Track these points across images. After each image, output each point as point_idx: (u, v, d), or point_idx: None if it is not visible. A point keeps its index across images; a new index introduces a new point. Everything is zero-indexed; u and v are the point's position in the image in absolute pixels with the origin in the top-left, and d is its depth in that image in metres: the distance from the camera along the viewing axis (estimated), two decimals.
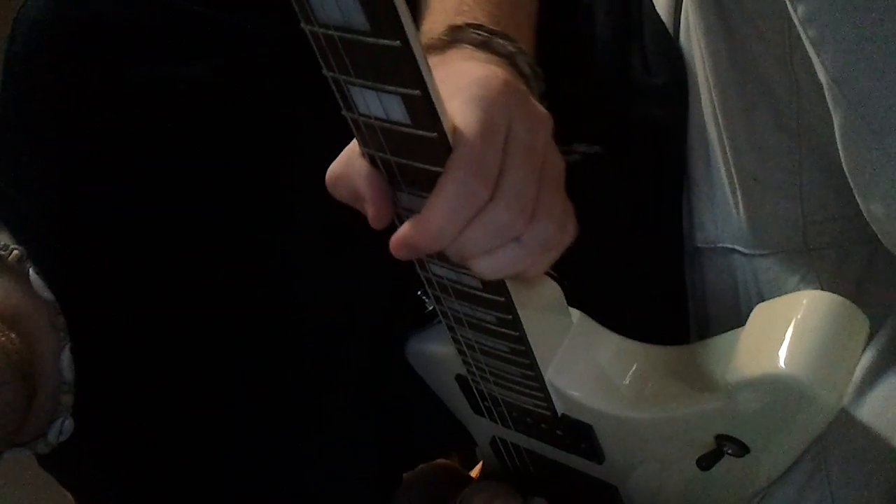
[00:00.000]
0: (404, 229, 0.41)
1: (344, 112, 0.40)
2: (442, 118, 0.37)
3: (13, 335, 0.55)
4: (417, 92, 0.36)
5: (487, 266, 0.43)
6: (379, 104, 0.38)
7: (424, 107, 0.37)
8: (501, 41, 0.49)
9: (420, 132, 0.38)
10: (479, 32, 0.49)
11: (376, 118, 0.39)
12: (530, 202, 0.42)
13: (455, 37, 0.49)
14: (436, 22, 0.52)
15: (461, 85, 0.41)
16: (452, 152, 0.39)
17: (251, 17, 0.60)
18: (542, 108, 0.44)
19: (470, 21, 0.50)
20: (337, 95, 0.39)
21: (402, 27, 0.34)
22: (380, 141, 0.40)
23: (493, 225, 0.41)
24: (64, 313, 0.59)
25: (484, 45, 0.49)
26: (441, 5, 0.54)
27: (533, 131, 0.42)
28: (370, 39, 0.35)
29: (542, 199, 0.43)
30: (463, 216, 0.40)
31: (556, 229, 0.44)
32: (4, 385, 0.53)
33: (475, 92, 0.40)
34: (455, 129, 0.39)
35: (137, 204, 0.59)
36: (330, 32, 0.36)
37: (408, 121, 0.38)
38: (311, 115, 0.58)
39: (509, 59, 0.49)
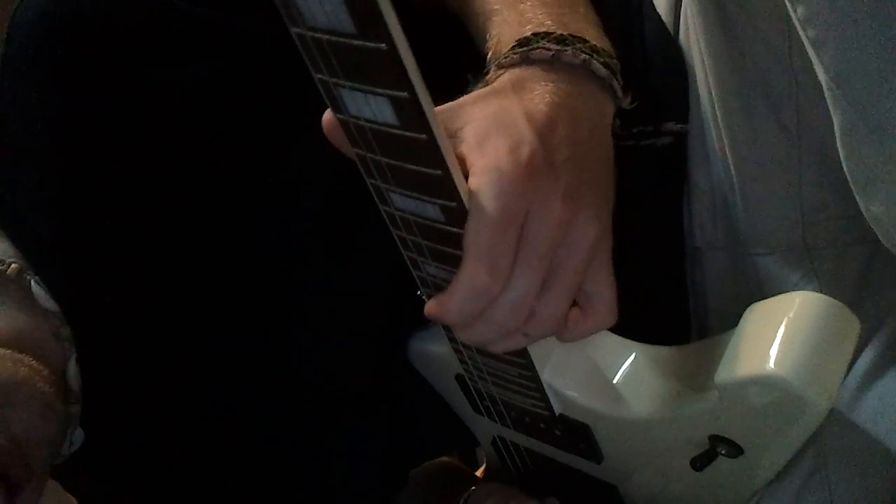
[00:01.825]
0: (431, 304, 0.46)
1: (334, 114, 0.41)
2: (430, 120, 0.37)
3: (36, 363, 0.55)
4: (405, 94, 0.36)
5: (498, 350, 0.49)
6: (368, 106, 0.38)
7: (412, 109, 0.37)
8: (572, 51, 0.49)
9: (409, 133, 0.38)
10: (548, 45, 0.49)
11: (366, 120, 0.39)
12: (523, 305, 0.44)
13: (525, 55, 0.49)
14: (503, 35, 0.52)
15: (489, 164, 0.42)
16: (467, 240, 0.42)
17: (251, 17, 0.60)
18: (564, 194, 0.44)
19: (537, 29, 0.50)
20: (326, 98, 0.40)
21: (388, 30, 0.34)
22: (370, 142, 0.40)
23: (487, 322, 0.45)
24: (69, 322, 0.59)
25: (555, 61, 0.49)
26: (501, 16, 0.54)
27: (545, 229, 0.43)
28: (357, 42, 0.35)
29: (541, 307, 0.45)
30: (477, 306, 0.44)
31: (553, 331, 0.47)
32: (57, 418, 0.54)
33: (496, 180, 0.42)
34: (473, 207, 0.41)
35: (139, 206, 0.59)
36: (317, 35, 0.36)
37: (396, 122, 0.38)
38: (311, 116, 0.58)
39: (584, 67, 0.49)
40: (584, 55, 0.49)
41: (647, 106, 0.62)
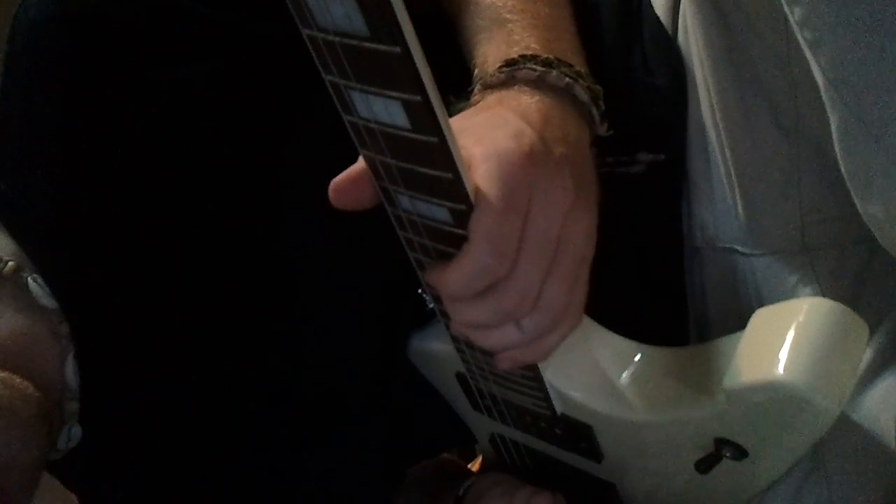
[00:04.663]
0: (432, 272, 0.45)
1: (343, 116, 0.41)
2: (442, 123, 0.37)
3: (21, 380, 0.54)
4: (418, 97, 0.36)
5: (484, 339, 0.47)
6: (379, 108, 0.38)
7: (425, 112, 0.37)
8: (557, 73, 0.50)
9: (420, 137, 0.38)
10: (535, 67, 0.50)
11: (376, 122, 0.39)
12: (532, 292, 0.44)
13: (512, 74, 0.50)
14: (489, 55, 0.54)
15: (489, 151, 0.42)
16: (472, 222, 0.41)
17: (254, 17, 0.60)
18: (565, 182, 0.44)
19: (524, 52, 0.51)
20: (335, 99, 0.40)
21: (402, 33, 0.34)
22: (380, 144, 0.40)
23: (493, 305, 0.44)
24: (67, 318, 0.58)
25: (540, 82, 0.50)
26: (490, 34, 0.55)
27: (550, 215, 0.43)
28: (370, 45, 0.35)
29: (545, 291, 0.44)
30: (479, 284, 0.43)
31: (551, 322, 0.46)
32: (37, 444, 0.53)
33: (498, 165, 0.42)
34: (477, 195, 0.41)
35: (140, 203, 0.59)
36: (329, 37, 0.36)
37: (408, 125, 0.38)
38: (314, 117, 0.58)
39: (567, 91, 0.50)
40: (568, 79, 0.50)
41: (648, 108, 0.63)
